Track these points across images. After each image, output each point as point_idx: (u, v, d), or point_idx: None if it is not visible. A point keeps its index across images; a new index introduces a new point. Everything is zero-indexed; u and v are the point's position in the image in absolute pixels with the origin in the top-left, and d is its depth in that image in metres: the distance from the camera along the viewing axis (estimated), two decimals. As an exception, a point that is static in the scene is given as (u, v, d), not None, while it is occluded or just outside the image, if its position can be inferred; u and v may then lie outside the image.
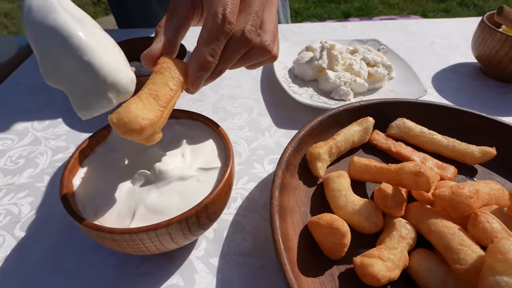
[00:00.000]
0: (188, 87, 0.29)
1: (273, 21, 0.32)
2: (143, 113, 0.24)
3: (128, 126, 0.23)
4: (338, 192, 0.33)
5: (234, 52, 0.29)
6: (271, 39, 0.31)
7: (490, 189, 0.30)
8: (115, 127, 0.23)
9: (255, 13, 0.29)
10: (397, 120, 0.42)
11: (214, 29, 0.27)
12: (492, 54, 0.54)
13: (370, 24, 0.81)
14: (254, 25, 0.29)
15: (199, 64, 0.28)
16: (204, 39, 0.28)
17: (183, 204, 0.27)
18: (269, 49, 0.31)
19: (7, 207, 0.38)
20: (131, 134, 0.23)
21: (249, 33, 0.28)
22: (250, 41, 0.29)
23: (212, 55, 0.28)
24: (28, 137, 0.47)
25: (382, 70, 0.54)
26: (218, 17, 0.27)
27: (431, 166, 0.37)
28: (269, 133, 0.48)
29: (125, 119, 0.23)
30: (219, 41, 0.27)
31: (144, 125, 0.23)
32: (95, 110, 0.26)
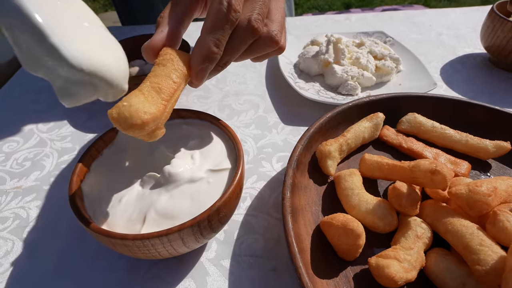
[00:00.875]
0: (191, 79, 0.28)
1: (281, 10, 0.31)
2: (145, 107, 0.23)
3: (129, 121, 0.22)
4: (351, 191, 0.32)
5: (240, 43, 0.28)
6: (279, 29, 0.29)
7: (508, 186, 0.29)
8: (115, 122, 0.22)
9: (262, 2, 0.28)
10: (408, 115, 0.41)
11: (219, 18, 0.26)
12: (503, 45, 0.52)
13: (374, 15, 0.79)
14: (261, 14, 0.27)
15: (203, 55, 0.26)
16: (208, 28, 0.26)
17: (194, 207, 0.26)
18: (276, 39, 0.29)
19: (15, 211, 0.37)
20: (133, 129, 0.22)
21: (256, 22, 0.27)
22: (257, 31, 0.27)
23: (217, 45, 0.26)
24: (33, 139, 0.47)
25: (390, 63, 0.52)
26: (223, 5, 0.25)
27: (444, 162, 0.36)
28: (276, 130, 0.48)
29: (126, 113, 0.22)
30: (224, 31, 0.26)
31: (146, 119, 0.22)
32: (77, 99, 0.25)
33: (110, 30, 0.28)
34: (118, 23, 2.29)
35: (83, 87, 0.24)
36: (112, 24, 2.36)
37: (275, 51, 0.31)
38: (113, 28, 0.77)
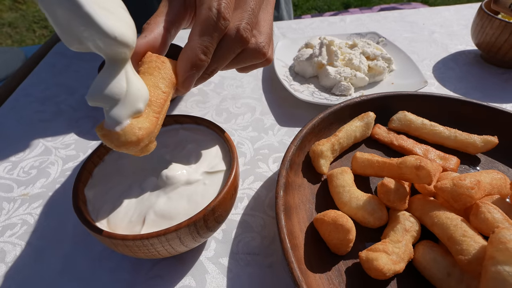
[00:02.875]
0: (178, 87, 0.27)
1: (269, 22, 0.30)
2: (138, 122, 0.22)
3: (123, 139, 0.21)
4: (342, 188, 0.33)
5: (227, 51, 0.27)
6: (266, 41, 0.29)
7: (492, 179, 0.30)
8: (106, 140, 0.21)
9: (251, 11, 0.27)
10: (398, 113, 0.42)
11: (208, 25, 0.25)
12: (492, 41, 0.53)
13: (369, 16, 0.81)
14: (250, 24, 0.27)
15: (191, 62, 0.26)
16: (196, 35, 0.25)
17: (191, 208, 0.28)
18: (264, 51, 0.29)
19: (23, 217, 0.39)
20: (127, 146, 0.22)
21: (245, 31, 0.27)
22: (245, 40, 0.27)
23: (204, 52, 0.26)
24: (38, 148, 0.49)
25: (382, 63, 0.54)
26: (212, 12, 0.25)
27: (434, 157, 0.38)
28: (272, 132, 0.49)
29: (118, 130, 0.21)
30: (213, 38, 0.26)
31: (141, 135, 0.22)
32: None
33: None
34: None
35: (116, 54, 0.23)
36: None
37: (261, 63, 0.31)
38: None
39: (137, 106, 0.23)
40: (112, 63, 0.23)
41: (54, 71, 0.68)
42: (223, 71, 0.31)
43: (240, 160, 0.45)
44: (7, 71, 0.84)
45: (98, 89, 0.22)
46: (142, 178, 0.31)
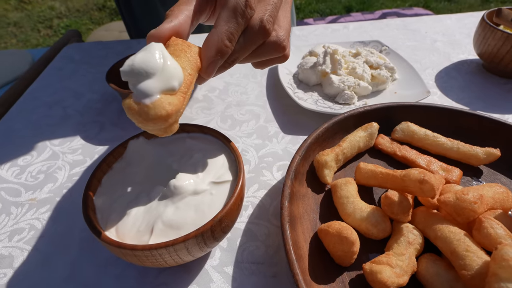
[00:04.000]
0: (201, 72, 0.28)
1: (288, 18, 0.31)
2: (167, 98, 0.22)
3: (152, 112, 0.21)
4: (346, 199, 0.34)
5: (250, 41, 0.28)
6: (286, 35, 0.30)
7: (495, 193, 0.31)
8: (135, 113, 0.22)
9: (274, 5, 0.28)
10: (401, 124, 0.43)
11: (235, 11, 0.25)
12: (494, 52, 0.54)
13: (372, 23, 0.81)
14: (272, 16, 0.28)
15: (216, 47, 0.26)
16: (223, 21, 0.26)
17: (198, 218, 0.28)
18: (283, 45, 0.29)
19: (30, 222, 0.40)
20: (155, 121, 0.22)
21: (268, 22, 0.27)
22: (267, 32, 0.28)
23: (230, 39, 0.26)
24: (46, 152, 0.49)
25: (385, 73, 0.54)
26: (240, 1, 0.25)
27: (437, 169, 0.38)
28: (276, 140, 0.50)
29: (148, 103, 0.22)
30: (239, 25, 0.26)
31: (170, 110, 0.22)
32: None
33: (119, 43, 0.30)
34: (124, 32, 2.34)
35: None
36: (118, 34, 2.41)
37: (279, 59, 0.31)
38: (120, 41, 0.80)
39: (172, 83, 0.24)
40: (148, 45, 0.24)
41: (61, 75, 0.69)
42: (241, 63, 0.31)
43: (245, 168, 0.45)
44: (15, 74, 0.84)
45: (134, 62, 0.23)
46: (150, 186, 0.31)
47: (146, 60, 0.23)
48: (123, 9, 0.87)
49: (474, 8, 3.17)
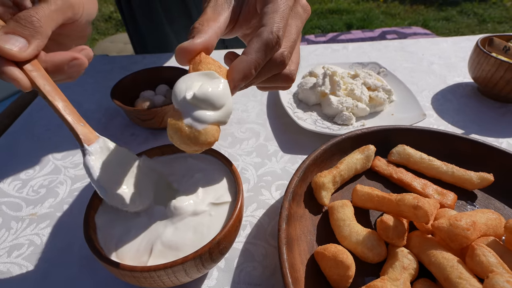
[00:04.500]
0: None
1: (299, 54, 0.34)
2: (213, 127, 0.24)
3: (203, 138, 0.23)
4: (342, 222, 0.34)
5: (268, 71, 0.30)
6: (296, 69, 0.32)
7: (487, 219, 0.31)
8: (184, 136, 0.23)
9: (294, 41, 0.30)
10: (397, 147, 0.44)
11: (267, 46, 0.27)
12: (488, 77, 0.55)
13: (370, 44, 0.84)
14: (290, 52, 0.30)
15: (243, 74, 0.27)
16: (254, 51, 0.27)
17: (197, 239, 0.29)
18: (293, 78, 0.32)
19: (30, 238, 0.40)
20: (202, 146, 0.24)
21: (287, 57, 0.29)
22: (284, 65, 0.30)
23: (256, 68, 0.28)
24: (48, 166, 0.50)
25: (383, 95, 0.56)
26: (273, 36, 0.27)
27: (432, 192, 0.39)
28: (275, 159, 0.50)
29: (201, 130, 0.23)
30: (266, 58, 0.28)
31: (217, 137, 0.24)
32: None
33: (124, 58, 0.31)
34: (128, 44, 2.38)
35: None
36: (122, 46, 2.45)
37: (284, 87, 0.34)
38: (125, 56, 0.82)
39: (225, 119, 0.26)
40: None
41: (67, 89, 0.70)
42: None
43: (244, 186, 0.46)
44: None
45: (209, 93, 0.25)
46: (151, 206, 0.32)
47: (218, 95, 0.25)
48: (129, 24, 0.89)
49: (472, 27, 3.24)
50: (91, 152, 0.29)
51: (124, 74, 0.74)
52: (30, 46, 0.28)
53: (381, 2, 3.98)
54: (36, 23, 0.28)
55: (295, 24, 0.31)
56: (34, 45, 0.28)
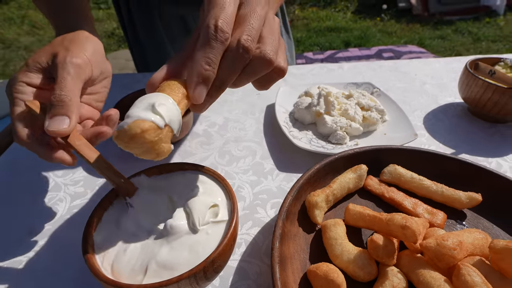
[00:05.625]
0: (191, 100, 0.30)
1: (275, 36, 0.32)
2: (141, 121, 0.26)
3: (129, 133, 0.25)
4: (334, 241, 0.35)
5: (233, 62, 0.29)
6: (272, 50, 0.31)
7: (474, 239, 0.32)
8: (118, 139, 0.26)
9: (251, 26, 0.30)
10: (389, 167, 0.45)
11: (207, 38, 0.28)
12: (477, 98, 0.58)
13: (365, 64, 0.86)
14: (250, 36, 0.29)
15: (196, 72, 0.28)
16: (197, 49, 0.28)
17: (192, 258, 0.30)
18: (268, 57, 0.30)
19: (28, 254, 0.41)
20: (134, 140, 0.25)
21: (246, 41, 0.29)
22: (248, 49, 0.29)
23: (208, 63, 0.28)
24: (49, 183, 0.51)
25: (375, 115, 0.58)
26: (210, 28, 0.28)
27: (422, 211, 0.40)
28: (271, 177, 0.52)
29: (125, 127, 0.25)
30: (214, 49, 0.28)
31: (145, 128, 0.25)
32: None
33: (126, 76, 0.33)
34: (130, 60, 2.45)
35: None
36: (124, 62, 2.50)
37: (275, 73, 0.32)
38: (126, 75, 0.84)
39: (151, 117, 0.27)
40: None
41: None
42: (238, 86, 0.33)
43: (240, 204, 0.47)
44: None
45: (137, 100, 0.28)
46: (148, 224, 0.33)
47: (142, 99, 0.28)
48: (132, 42, 0.92)
49: (466, 46, 3.32)
50: (133, 204, 0.35)
51: (126, 92, 0.76)
52: (72, 120, 0.33)
53: (378, 21, 4.10)
54: (66, 99, 0.33)
55: (250, 10, 0.30)
56: (73, 118, 0.33)
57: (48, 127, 0.32)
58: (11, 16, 4.33)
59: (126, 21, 0.87)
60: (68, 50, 0.36)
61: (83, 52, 0.38)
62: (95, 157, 0.33)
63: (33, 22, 4.18)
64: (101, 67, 0.41)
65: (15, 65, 3.32)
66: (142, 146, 0.26)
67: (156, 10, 0.83)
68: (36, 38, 3.90)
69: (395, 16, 4.11)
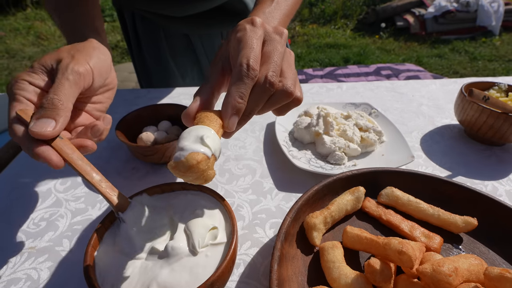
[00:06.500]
0: (224, 128, 0.34)
1: (292, 69, 0.38)
2: (195, 153, 0.29)
3: (186, 164, 0.28)
4: (332, 264, 0.36)
5: (260, 95, 0.34)
6: (292, 83, 0.36)
7: (470, 265, 0.33)
8: (175, 169, 0.29)
9: (275, 63, 0.35)
10: (386, 189, 0.46)
11: (241, 76, 0.33)
12: (473, 121, 0.59)
13: (363, 85, 0.88)
14: (275, 72, 0.34)
15: (231, 106, 0.33)
16: (233, 85, 0.33)
17: (192, 280, 0.30)
18: (290, 91, 0.35)
19: (27, 272, 0.41)
20: (191, 170, 0.29)
21: (272, 77, 0.34)
22: (273, 84, 0.34)
23: (240, 97, 0.33)
24: (50, 199, 0.52)
25: (373, 136, 0.59)
26: (243, 66, 0.33)
27: (419, 235, 0.40)
28: (270, 196, 0.52)
29: (183, 159, 0.29)
30: (246, 85, 0.33)
31: (199, 159, 0.29)
32: None
33: (129, 92, 0.35)
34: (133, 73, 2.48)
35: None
36: (127, 75, 2.53)
37: (293, 103, 0.38)
38: (130, 90, 0.86)
39: (201, 149, 0.31)
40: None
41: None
42: (261, 113, 0.38)
43: (239, 223, 0.47)
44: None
45: (184, 133, 0.32)
46: (149, 245, 0.33)
47: (188, 133, 0.32)
48: (135, 56, 0.94)
49: (463, 64, 3.38)
50: (125, 219, 0.35)
51: (129, 107, 0.78)
52: (57, 124, 0.33)
53: (376, 38, 4.19)
54: (58, 103, 0.33)
55: (273, 49, 0.36)
56: (60, 123, 0.33)
57: (31, 128, 0.31)
58: (17, 27, 4.42)
59: (131, 35, 0.90)
60: (73, 58, 0.38)
61: (87, 61, 0.39)
62: (82, 165, 0.34)
63: (39, 33, 4.26)
64: (104, 77, 0.42)
65: (18, 75, 3.36)
66: (196, 174, 0.29)
67: (162, 27, 0.86)
68: (41, 49, 3.96)
69: (393, 34, 4.21)
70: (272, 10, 0.45)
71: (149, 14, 0.82)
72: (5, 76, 3.30)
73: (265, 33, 0.37)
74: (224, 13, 0.81)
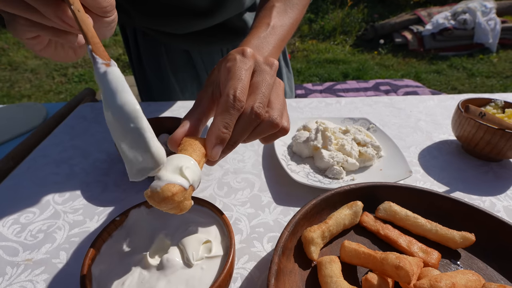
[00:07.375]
0: (208, 157, 0.35)
1: (280, 101, 0.38)
2: (172, 185, 0.29)
3: (161, 195, 0.28)
4: (330, 279, 0.36)
5: (246, 125, 0.35)
6: (279, 114, 0.36)
7: (467, 281, 0.33)
8: (150, 198, 0.29)
9: (262, 94, 0.35)
10: (384, 204, 0.46)
11: (226, 106, 0.33)
12: (470, 137, 0.60)
13: (361, 100, 0.90)
14: (262, 103, 0.35)
15: (215, 135, 0.33)
16: (218, 115, 0.34)
17: (188, 293, 0.30)
18: (276, 122, 0.36)
19: (23, 284, 0.41)
20: (165, 201, 0.28)
21: (258, 108, 0.34)
22: (259, 115, 0.34)
23: (225, 127, 0.33)
24: (48, 211, 0.52)
25: (371, 151, 0.59)
26: (229, 97, 0.33)
27: (417, 250, 0.40)
28: (268, 210, 0.52)
29: (158, 189, 0.28)
30: (231, 115, 0.33)
31: (175, 191, 0.28)
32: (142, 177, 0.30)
33: None
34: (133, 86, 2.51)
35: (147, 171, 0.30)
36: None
37: (279, 132, 0.38)
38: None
39: (179, 180, 0.30)
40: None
41: (72, 133, 0.74)
42: (247, 142, 0.38)
43: (237, 237, 0.47)
44: (29, 126, 0.90)
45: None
46: (146, 258, 0.33)
47: (169, 163, 0.31)
48: (136, 70, 0.96)
49: (461, 81, 3.43)
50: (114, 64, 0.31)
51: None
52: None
53: (375, 54, 4.26)
54: None
55: (262, 80, 0.36)
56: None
57: None
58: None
59: (132, 49, 0.92)
60: None
61: None
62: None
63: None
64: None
65: (20, 87, 3.41)
66: (171, 205, 0.29)
67: (163, 43, 0.88)
68: (43, 62, 4.03)
69: (392, 50, 4.29)
70: (267, 35, 0.46)
71: (151, 31, 0.84)
72: (6, 88, 3.34)
73: (255, 64, 0.38)
74: (224, 31, 0.83)
